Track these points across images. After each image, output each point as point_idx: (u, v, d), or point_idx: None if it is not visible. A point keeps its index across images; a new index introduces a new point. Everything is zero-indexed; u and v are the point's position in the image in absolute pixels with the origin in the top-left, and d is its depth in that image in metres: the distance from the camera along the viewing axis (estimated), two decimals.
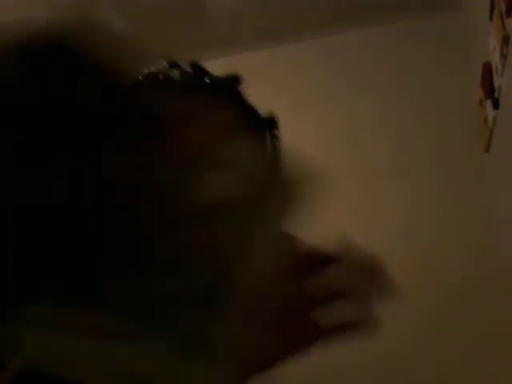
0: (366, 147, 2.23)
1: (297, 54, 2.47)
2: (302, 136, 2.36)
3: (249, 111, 0.67)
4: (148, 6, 2.32)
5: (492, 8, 1.75)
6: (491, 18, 1.76)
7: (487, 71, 1.85)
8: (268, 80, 2.44)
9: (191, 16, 2.47)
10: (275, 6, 2.44)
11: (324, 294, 0.59)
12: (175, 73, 0.70)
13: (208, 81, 0.69)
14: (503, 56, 1.66)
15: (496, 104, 1.79)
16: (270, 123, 0.69)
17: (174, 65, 0.70)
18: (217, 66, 2.65)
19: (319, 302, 0.58)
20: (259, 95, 2.68)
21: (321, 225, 2.30)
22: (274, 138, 0.70)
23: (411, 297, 1.93)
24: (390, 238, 2.04)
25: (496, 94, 1.79)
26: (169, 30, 2.38)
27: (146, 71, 0.66)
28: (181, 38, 2.50)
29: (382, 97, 2.27)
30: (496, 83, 1.78)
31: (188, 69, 0.72)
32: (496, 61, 1.74)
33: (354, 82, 2.32)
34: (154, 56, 0.67)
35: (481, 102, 1.95)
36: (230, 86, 0.67)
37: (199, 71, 0.71)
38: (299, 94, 2.39)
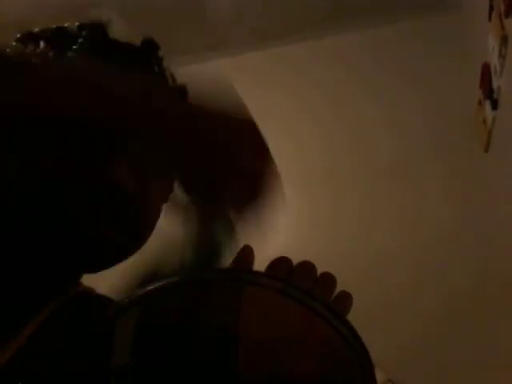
0: (366, 147, 2.24)
1: (297, 54, 2.47)
2: (302, 135, 2.37)
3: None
4: (148, 7, 2.32)
5: (491, 9, 1.75)
6: (490, 19, 1.77)
7: (486, 72, 1.85)
8: (268, 80, 2.45)
9: (191, 17, 2.47)
10: (275, 6, 2.45)
11: None
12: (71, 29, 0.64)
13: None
14: (502, 57, 1.67)
15: (495, 105, 1.80)
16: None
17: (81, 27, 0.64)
18: (217, 67, 2.65)
19: None
20: (259, 95, 2.68)
21: (321, 224, 2.30)
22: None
23: (411, 296, 1.94)
24: (389, 237, 2.05)
25: (495, 95, 1.79)
26: (169, 31, 2.38)
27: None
28: (181, 39, 2.51)
29: (382, 97, 2.28)
30: (495, 84, 1.78)
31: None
32: (495, 61, 1.74)
33: (354, 83, 2.33)
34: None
35: (480, 103, 1.96)
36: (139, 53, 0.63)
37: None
38: (299, 94, 2.39)
